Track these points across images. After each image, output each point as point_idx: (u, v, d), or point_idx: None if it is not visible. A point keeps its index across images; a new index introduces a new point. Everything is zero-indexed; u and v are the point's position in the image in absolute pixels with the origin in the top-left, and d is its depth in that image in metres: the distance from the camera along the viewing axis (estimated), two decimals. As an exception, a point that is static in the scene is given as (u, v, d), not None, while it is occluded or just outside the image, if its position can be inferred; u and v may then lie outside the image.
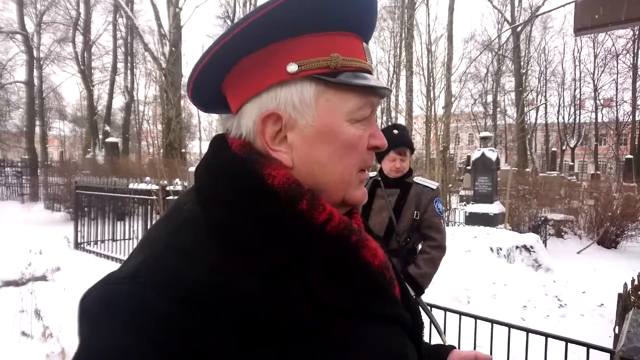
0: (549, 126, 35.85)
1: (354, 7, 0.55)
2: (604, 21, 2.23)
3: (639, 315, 2.07)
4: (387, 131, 2.62)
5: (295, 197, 0.52)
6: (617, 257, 8.20)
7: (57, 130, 36.67)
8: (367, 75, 0.56)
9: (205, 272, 0.46)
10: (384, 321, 0.55)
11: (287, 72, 0.52)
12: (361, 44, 0.58)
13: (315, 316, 0.48)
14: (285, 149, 0.55)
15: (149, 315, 0.42)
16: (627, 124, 30.20)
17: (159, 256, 0.48)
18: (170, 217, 0.55)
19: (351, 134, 0.56)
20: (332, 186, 0.56)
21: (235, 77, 0.55)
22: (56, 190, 11.94)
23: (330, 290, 0.50)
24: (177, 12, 14.57)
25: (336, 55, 0.53)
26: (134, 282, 0.45)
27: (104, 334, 0.42)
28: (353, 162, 0.57)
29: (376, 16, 0.60)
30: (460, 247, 6.25)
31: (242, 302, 0.45)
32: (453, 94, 16.65)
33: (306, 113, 0.53)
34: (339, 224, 0.53)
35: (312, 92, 0.53)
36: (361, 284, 0.53)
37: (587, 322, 4.51)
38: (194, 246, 0.48)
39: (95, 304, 0.45)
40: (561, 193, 11.99)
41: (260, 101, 0.54)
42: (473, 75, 29.64)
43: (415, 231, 2.56)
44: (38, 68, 21.89)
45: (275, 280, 0.48)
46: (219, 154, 0.57)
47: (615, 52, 29.58)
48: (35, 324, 3.60)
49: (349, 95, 0.55)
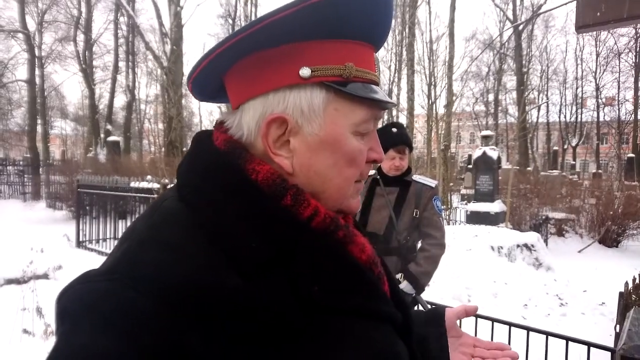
0: (551, 125, 35.76)
1: (373, 17, 0.53)
2: (606, 19, 2.21)
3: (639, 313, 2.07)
4: (385, 129, 2.62)
5: (280, 192, 0.51)
6: (618, 256, 8.19)
7: (59, 129, 36.66)
8: (375, 88, 0.55)
9: (185, 268, 0.44)
10: (372, 318, 0.54)
11: (299, 76, 0.51)
12: (373, 55, 0.57)
13: (301, 313, 0.47)
14: (287, 154, 0.53)
15: (126, 313, 0.41)
16: (629, 122, 30.12)
17: (137, 251, 0.47)
18: (150, 212, 0.53)
19: (354, 147, 0.55)
20: (329, 195, 0.55)
21: (241, 71, 0.53)
22: (58, 189, 11.95)
23: (316, 287, 0.49)
24: (179, 11, 14.57)
25: (351, 65, 0.52)
26: (110, 279, 0.44)
27: (81, 333, 0.41)
28: (352, 175, 0.56)
29: (390, 28, 0.59)
30: (461, 246, 6.25)
31: (223, 299, 0.44)
32: (454, 93, 16.63)
33: (313, 120, 0.52)
34: (325, 219, 0.53)
35: (321, 99, 0.52)
36: (348, 280, 0.52)
37: (588, 320, 4.50)
38: (173, 241, 0.47)
39: (72, 302, 0.44)
40: (562, 192, 11.97)
41: (267, 101, 0.52)
42: (474, 74, 29.59)
43: (415, 229, 2.56)
44: (40, 67, 21.90)
45: (259, 277, 0.47)
46: (202, 150, 0.56)
47: (617, 50, 29.48)
48: (37, 321, 3.62)
49: (357, 107, 0.54)
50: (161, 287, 0.43)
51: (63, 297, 0.45)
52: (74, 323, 0.42)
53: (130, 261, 0.46)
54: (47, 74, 24.91)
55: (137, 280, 0.43)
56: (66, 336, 0.42)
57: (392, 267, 2.47)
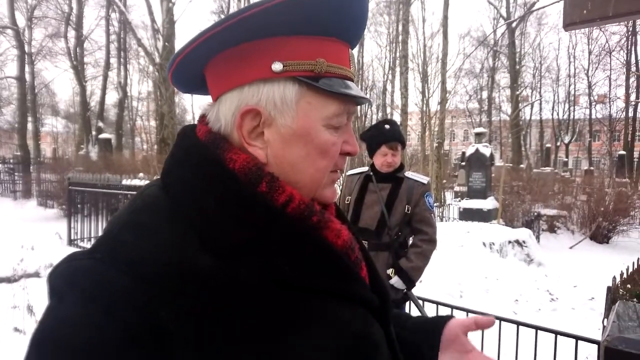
0: (544, 122, 36.02)
1: (345, 15, 0.55)
2: (592, 16, 2.24)
3: (625, 306, 2.10)
4: (378, 126, 2.63)
5: (255, 179, 0.54)
6: (609, 252, 8.29)
7: (49, 126, 36.37)
8: (349, 84, 0.58)
9: (162, 248, 0.47)
10: (345, 299, 0.55)
11: (272, 70, 0.53)
12: (347, 51, 0.59)
13: (275, 293, 0.50)
14: (261, 145, 0.56)
15: (106, 289, 0.44)
16: (621, 120, 30.41)
17: (117, 233, 0.50)
18: (134, 199, 0.57)
19: (325, 139, 0.57)
20: (303, 185, 0.57)
21: (219, 64, 0.56)
22: (49, 187, 11.87)
23: (288, 267, 0.51)
24: (171, 7, 14.46)
25: (322, 61, 0.55)
26: (92, 257, 0.47)
27: (64, 306, 0.45)
28: (324, 166, 0.58)
29: (365, 25, 0.61)
30: (454, 242, 6.29)
31: (198, 278, 0.46)
32: (448, 90, 16.68)
33: (285, 113, 0.54)
34: (299, 205, 0.55)
35: (294, 93, 0.54)
36: (319, 262, 0.54)
37: (578, 315, 4.56)
38: (152, 223, 0.50)
39: (59, 279, 0.48)
40: (555, 189, 12.08)
41: (242, 94, 0.55)
42: (468, 71, 29.72)
43: (407, 225, 2.58)
44: (30, 63, 21.66)
45: (233, 258, 0.49)
46: (185, 142, 0.59)
47: (609, 48, 29.73)
48: (27, 320, 3.60)
49: (329, 101, 0.56)
50: (138, 266, 0.46)
51: (52, 275, 0.49)
52: (60, 298, 0.46)
53: (111, 242, 0.49)
54: (38, 71, 24.67)
55: (116, 259, 0.46)
56: (51, 310, 0.46)
57: (384, 262, 2.49)
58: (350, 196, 2.67)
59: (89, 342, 0.42)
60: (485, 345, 2.73)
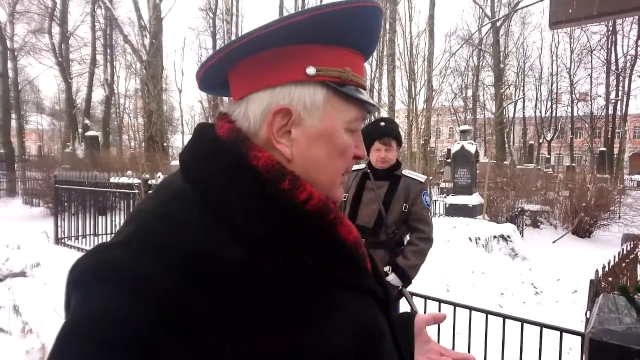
0: (527, 120, 36.58)
1: (370, 30, 0.62)
2: (577, 15, 2.30)
3: (608, 299, 2.16)
4: (374, 123, 2.64)
5: (278, 177, 0.57)
6: (590, 246, 8.47)
7: (34, 123, 35.58)
8: (364, 92, 0.64)
9: (195, 240, 0.49)
10: (358, 291, 0.61)
11: (306, 74, 0.58)
12: (363, 63, 0.66)
13: (298, 284, 0.53)
14: (287, 143, 0.59)
15: (143, 278, 0.45)
16: (601, 117, 31.02)
17: (150, 225, 0.51)
18: (158, 193, 0.58)
19: (345, 141, 0.62)
20: (321, 183, 0.62)
21: (248, 66, 0.59)
22: (35, 185, 11.65)
23: (310, 260, 0.55)
24: (158, 4, 14.29)
25: (348, 70, 0.61)
26: (128, 247, 0.48)
27: (97, 297, 0.44)
28: (341, 166, 0.63)
29: (378, 40, 0.68)
30: (440, 238, 6.38)
31: (229, 269, 0.49)
32: (434, 89, 16.81)
33: (313, 114, 0.59)
34: (318, 203, 0.59)
35: (322, 96, 0.59)
36: (338, 256, 0.59)
37: (562, 308, 4.67)
38: (183, 216, 0.52)
39: (88, 271, 0.47)
40: (538, 185, 12.29)
41: (273, 94, 0.58)
42: (453, 69, 29.98)
43: (404, 223, 2.59)
44: (12, 59, 21.22)
45: (259, 250, 0.52)
46: (206, 138, 0.61)
47: (590, 47, 30.27)
48: (13, 320, 3.54)
49: (350, 107, 0.62)
50: (173, 256, 0.47)
51: (76, 268, 0.49)
52: (90, 289, 0.45)
53: (144, 234, 0.50)
54: (21, 67, 24.20)
55: (152, 249, 0.48)
56: (82, 302, 0.45)
57: (380, 260, 2.49)
58: (348, 193, 2.66)
59: (125, 335, 0.41)
60: (472, 337, 2.80)
